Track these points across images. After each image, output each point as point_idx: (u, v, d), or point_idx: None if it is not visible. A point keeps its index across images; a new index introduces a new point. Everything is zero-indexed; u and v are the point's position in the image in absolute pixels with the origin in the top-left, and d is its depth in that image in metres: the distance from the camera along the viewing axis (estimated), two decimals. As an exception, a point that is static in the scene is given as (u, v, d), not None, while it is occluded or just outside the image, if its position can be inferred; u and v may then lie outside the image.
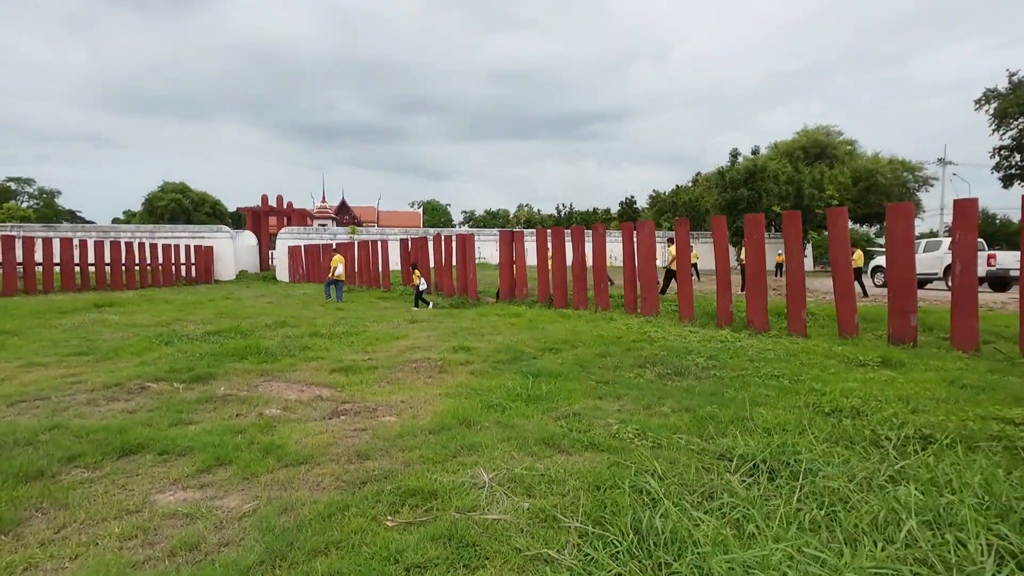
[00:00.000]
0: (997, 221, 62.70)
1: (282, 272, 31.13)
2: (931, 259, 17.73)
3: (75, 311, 12.48)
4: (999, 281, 17.84)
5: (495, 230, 40.59)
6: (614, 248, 20.78)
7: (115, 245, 23.04)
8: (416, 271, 16.49)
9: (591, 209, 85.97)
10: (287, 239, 31.80)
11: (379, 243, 22.88)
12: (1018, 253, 17.21)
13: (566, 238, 14.65)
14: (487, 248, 31.94)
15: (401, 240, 21.32)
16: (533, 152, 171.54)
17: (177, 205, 61.49)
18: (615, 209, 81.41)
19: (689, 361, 7.11)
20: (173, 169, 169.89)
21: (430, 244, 20.16)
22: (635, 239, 12.90)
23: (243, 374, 6.23)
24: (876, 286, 19.78)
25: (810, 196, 33.81)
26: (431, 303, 14.98)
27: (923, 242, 18.72)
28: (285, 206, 40.42)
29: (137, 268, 24.00)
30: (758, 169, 33.82)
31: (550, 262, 15.00)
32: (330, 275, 17.77)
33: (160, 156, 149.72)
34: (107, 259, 22.77)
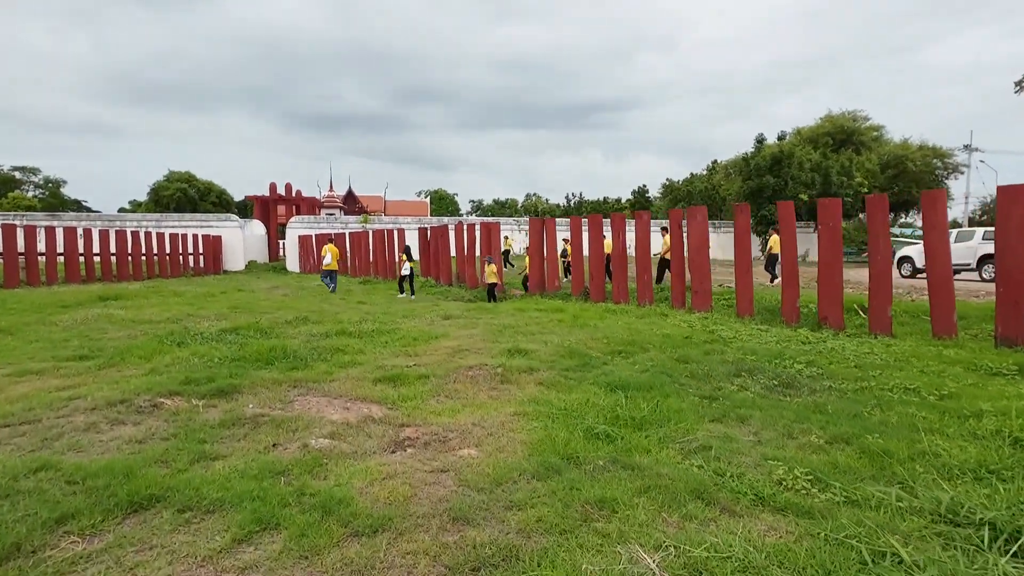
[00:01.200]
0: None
1: (293, 262, 30.20)
2: (964, 249, 16.82)
3: (78, 305, 11.54)
4: None
5: (509, 219, 39.45)
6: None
7: (121, 234, 22.11)
8: (404, 257, 16.16)
9: (602, 198, 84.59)
10: (297, 228, 30.82)
11: (395, 232, 21.85)
12: None
13: (604, 226, 13.59)
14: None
15: (420, 229, 20.29)
16: (539, 142, 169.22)
17: (183, 194, 60.51)
18: (625, 198, 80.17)
19: (789, 368, 6.09)
20: (178, 159, 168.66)
21: (451, 233, 19.13)
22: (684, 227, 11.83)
23: (272, 385, 5.24)
24: (903, 277, 18.70)
25: (839, 184, 32.45)
26: (412, 293, 15.44)
27: (955, 232, 17.97)
28: (294, 194, 39.37)
29: (144, 258, 23.09)
30: (784, 156, 32.47)
31: (586, 252, 13.95)
32: (323, 266, 17.18)
33: (165, 146, 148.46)
34: (113, 249, 21.86)
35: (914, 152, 36.43)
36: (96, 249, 21.44)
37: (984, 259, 17.22)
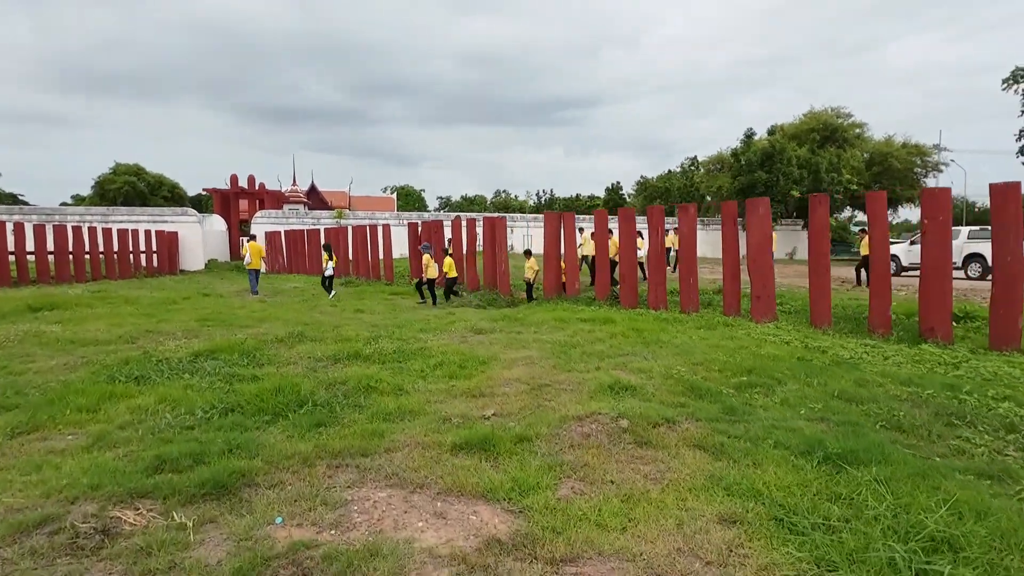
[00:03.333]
0: (976, 209, 63.01)
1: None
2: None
3: (0, 318, 9.15)
4: None
5: (496, 215, 37.52)
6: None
7: (60, 230, 19.20)
8: (327, 255, 14.57)
9: (574, 195, 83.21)
10: (263, 224, 28.17)
11: (379, 228, 19.70)
12: None
13: (637, 222, 11.93)
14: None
15: (410, 224, 18.22)
16: (504, 138, 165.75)
17: (131, 188, 56.02)
18: (599, 195, 79.13)
19: (996, 409, 4.52)
20: (127, 151, 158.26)
21: (446, 229, 17.19)
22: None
23: (300, 465, 3.31)
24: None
25: (829, 180, 31.85)
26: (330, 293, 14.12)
27: None
28: (257, 188, 36.36)
29: (87, 257, 20.19)
30: (776, 151, 31.65)
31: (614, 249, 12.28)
32: (247, 264, 15.51)
33: (113, 137, 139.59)
34: (50, 247, 18.93)
35: (898, 149, 36.25)
36: (30, 247, 18.53)
37: (970, 258, 16.83)
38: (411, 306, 12.03)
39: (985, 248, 16.23)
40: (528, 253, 14.53)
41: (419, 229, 17.86)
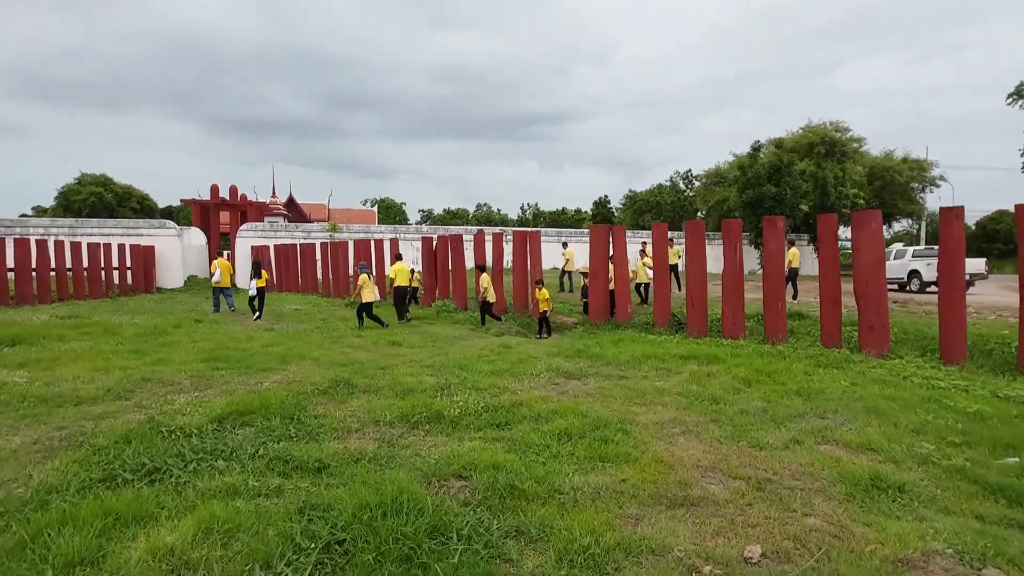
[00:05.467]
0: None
1: (243, 278, 25.36)
2: (898, 266, 18.93)
3: (-54, 358, 7.18)
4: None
5: (495, 228, 35.92)
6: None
7: (21, 243, 16.93)
8: (258, 272, 13.09)
9: (560, 209, 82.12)
10: (249, 237, 26.05)
11: (386, 242, 17.91)
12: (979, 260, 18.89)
13: (707, 239, 10.49)
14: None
15: (424, 239, 16.49)
16: (477, 152, 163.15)
17: (98, 199, 52.90)
18: (573, 209, 78.27)
19: None
20: (91, 162, 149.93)
21: (467, 243, 15.53)
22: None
23: None
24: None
25: (837, 194, 31.17)
26: (258, 314, 12.71)
27: (893, 251, 19.50)
28: (239, 198, 34.06)
29: (53, 275, 17.91)
30: (784, 165, 30.88)
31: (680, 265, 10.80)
32: (215, 282, 14.59)
33: (75, 148, 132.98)
34: (10, 262, 16.64)
35: (899, 164, 35.95)
36: (-14, 263, 16.24)
37: (911, 274, 18.75)
38: (450, 335, 10.30)
39: (921, 265, 18.28)
40: (481, 268, 12.70)
41: (434, 243, 16.17)
